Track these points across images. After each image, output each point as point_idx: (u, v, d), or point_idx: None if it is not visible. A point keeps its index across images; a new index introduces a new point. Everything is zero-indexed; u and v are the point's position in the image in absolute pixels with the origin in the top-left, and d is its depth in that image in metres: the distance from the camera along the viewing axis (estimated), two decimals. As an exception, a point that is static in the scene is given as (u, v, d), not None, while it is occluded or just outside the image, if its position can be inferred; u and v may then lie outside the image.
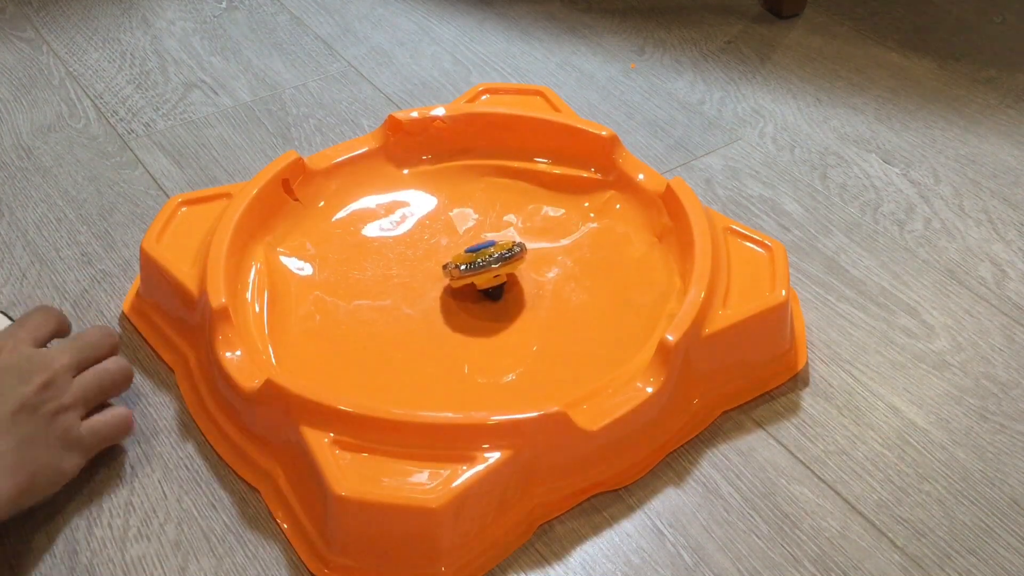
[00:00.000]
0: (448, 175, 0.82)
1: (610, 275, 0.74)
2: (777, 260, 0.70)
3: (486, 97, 0.86)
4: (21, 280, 0.77)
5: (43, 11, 1.11)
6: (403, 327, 0.70)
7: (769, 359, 0.69)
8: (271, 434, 0.62)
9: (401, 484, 0.56)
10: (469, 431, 0.58)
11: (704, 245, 0.69)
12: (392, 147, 0.82)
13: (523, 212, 0.80)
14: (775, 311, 0.67)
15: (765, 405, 0.68)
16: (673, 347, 0.62)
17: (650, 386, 0.62)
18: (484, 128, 0.82)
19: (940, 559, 0.59)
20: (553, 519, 0.61)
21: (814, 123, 0.96)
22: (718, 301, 0.67)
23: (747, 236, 0.72)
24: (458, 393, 0.66)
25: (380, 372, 0.67)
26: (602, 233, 0.78)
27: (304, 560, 0.58)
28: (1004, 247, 0.82)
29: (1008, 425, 0.67)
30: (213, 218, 0.73)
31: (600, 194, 0.80)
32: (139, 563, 0.59)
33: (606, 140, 0.79)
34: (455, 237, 0.78)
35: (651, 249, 0.75)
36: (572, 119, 0.82)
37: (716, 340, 0.65)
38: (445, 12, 1.12)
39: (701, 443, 0.66)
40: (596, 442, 0.60)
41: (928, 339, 0.73)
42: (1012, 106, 0.98)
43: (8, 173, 0.88)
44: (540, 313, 0.71)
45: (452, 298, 0.72)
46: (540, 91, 0.87)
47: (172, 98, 0.97)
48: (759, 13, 1.12)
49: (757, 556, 0.59)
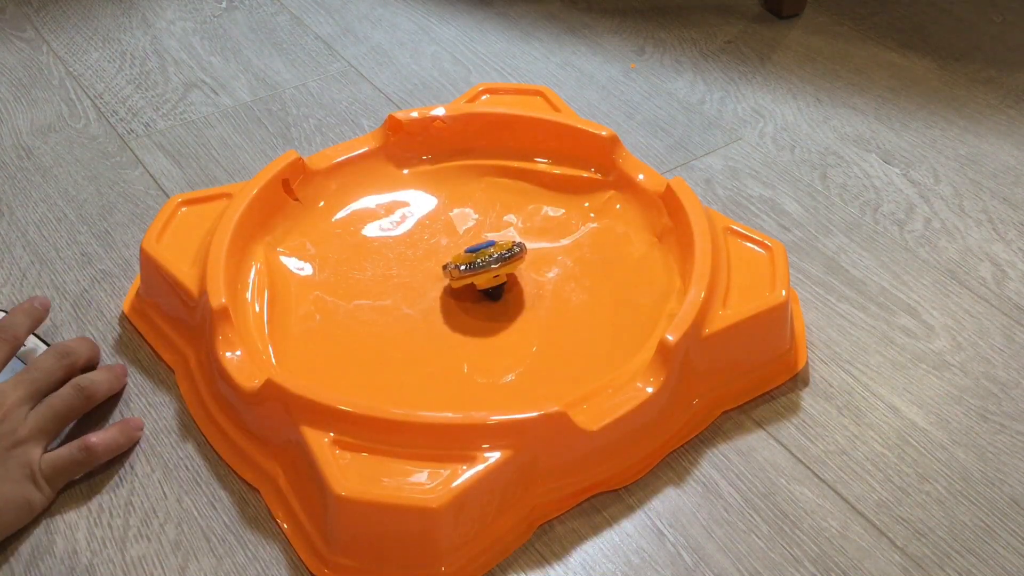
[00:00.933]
0: (448, 175, 0.82)
1: (610, 275, 0.74)
2: (777, 260, 0.70)
3: (486, 97, 0.86)
4: (21, 280, 0.77)
5: (43, 11, 1.11)
6: (403, 327, 0.70)
7: (769, 359, 0.69)
8: (271, 434, 0.62)
9: (401, 484, 0.56)
10: (469, 431, 0.58)
11: (704, 245, 0.69)
12: (392, 147, 0.82)
13: (523, 212, 0.80)
14: (775, 311, 0.67)
15: (765, 405, 0.68)
16: (673, 347, 0.62)
17: (650, 386, 0.62)
18: (484, 128, 0.82)
19: (940, 559, 0.59)
20: (553, 519, 0.61)
21: (814, 123, 0.96)
22: (718, 301, 0.67)
23: (747, 236, 0.72)
24: (458, 393, 0.66)
25: (380, 372, 0.67)
26: (602, 233, 0.78)
27: (304, 560, 0.58)
28: (1004, 247, 0.82)
29: (1008, 425, 0.67)
30: (213, 218, 0.73)
31: (600, 194, 0.80)
32: (139, 563, 0.59)
33: (606, 140, 0.79)
34: (455, 237, 0.78)
35: (651, 249, 0.75)
36: (572, 119, 0.82)
37: (716, 340, 0.65)
38: (445, 12, 1.12)
39: (701, 443, 0.66)
40: (596, 442, 0.60)
41: (928, 339, 0.73)
42: (1012, 106, 0.98)
43: (8, 173, 0.88)
44: (540, 313, 0.71)
45: (452, 298, 0.72)
46: (540, 91, 0.87)
47: (172, 98, 0.97)
48: (759, 13, 1.12)
49: (757, 556, 0.59)
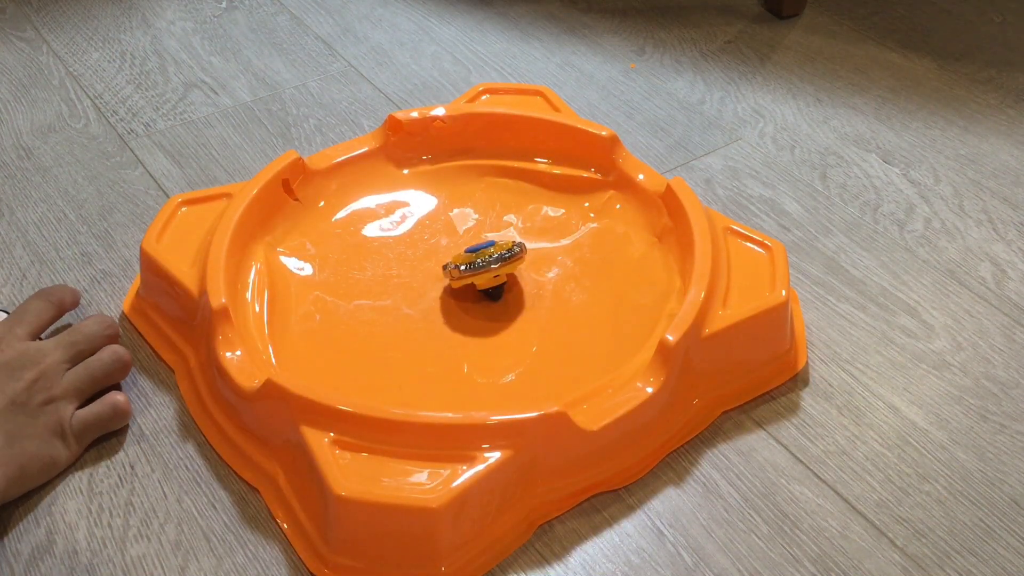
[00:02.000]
0: (448, 175, 0.82)
1: (610, 275, 0.74)
2: (777, 260, 0.70)
3: (486, 97, 0.86)
4: (21, 280, 0.77)
5: (43, 11, 1.11)
6: (403, 327, 0.70)
7: (769, 359, 0.69)
8: (271, 434, 0.62)
9: (401, 484, 0.56)
10: (469, 431, 0.58)
11: (704, 245, 0.69)
12: (392, 147, 0.82)
13: (523, 212, 0.80)
14: (775, 311, 0.67)
15: (765, 405, 0.68)
16: (673, 347, 0.62)
17: (650, 386, 0.62)
18: (484, 128, 0.82)
19: (940, 559, 0.59)
20: (553, 519, 0.61)
21: (814, 123, 0.96)
22: (718, 301, 0.67)
23: (747, 236, 0.72)
24: (458, 393, 0.66)
25: (380, 372, 0.67)
26: (602, 233, 0.78)
27: (304, 560, 0.58)
28: (1004, 247, 0.82)
29: (1008, 425, 0.67)
30: (213, 218, 0.73)
31: (600, 194, 0.80)
32: (139, 563, 0.59)
33: (606, 140, 0.79)
34: (455, 237, 0.78)
35: (651, 249, 0.75)
36: (572, 119, 0.82)
37: (716, 340, 0.65)
38: (445, 12, 1.12)
39: (701, 443, 0.66)
40: (596, 442, 0.61)
41: (928, 339, 0.73)
42: (1012, 106, 0.98)
43: (8, 173, 0.88)
44: (540, 313, 0.71)
45: (452, 298, 0.72)
46: (540, 91, 0.87)
47: (172, 98, 0.97)
48: (759, 13, 1.12)
49: (757, 556, 0.59)
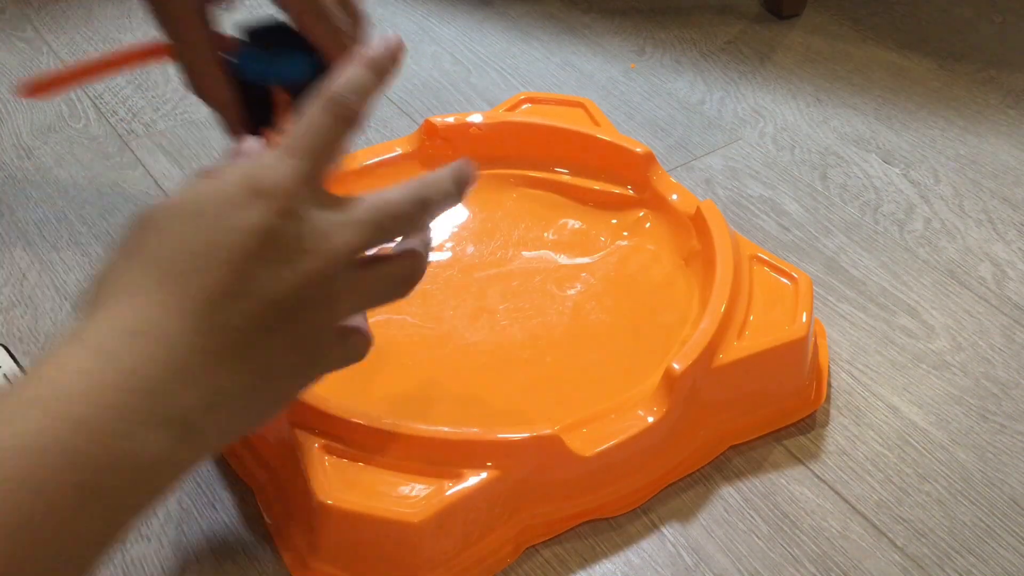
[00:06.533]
0: (480, 183, 0.79)
1: (632, 296, 0.72)
2: (801, 292, 0.67)
3: (527, 107, 0.85)
4: (21, 281, 0.77)
5: (43, 11, 1.11)
6: (417, 335, 0.69)
7: (784, 395, 0.66)
8: (268, 434, 0.62)
9: (384, 495, 0.55)
10: (457, 447, 0.57)
11: (725, 273, 0.66)
12: (426, 152, 0.80)
13: (553, 225, 0.78)
14: (793, 346, 0.64)
15: (765, 405, 0.68)
16: (678, 376, 0.60)
17: (651, 415, 0.60)
18: (519, 138, 0.81)
19: (940, 559, 0.59)
20: (540, 544, 0.60)
21: (814, 123, 0.96)
22: (733, 331, 0.64)
23: (774, 266, 0.70)
24: (460, 406, 0.65)
25: (385, 380, 0.66)
26: (630, 252, 0.76)
27: (287, 563, 0.58)
28: (1004, 247, 0.82)
29: (1008, 425, 0.67)
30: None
31: (631, 212, 0.78)
32: (139, 563, 0.59)
33: (641, 157, 0.77)
34: (482, 246, 0.76)
35: (676, 272, 0.73)
36: (609, 134, 0.80)
37: (727, 372, 0.62)
38: (445, 12, 1.12)
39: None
40: (589, 468, 0.59)
41: (928, 339, 0.73)
42: (1012, 106, 0.98)
43: (8, 173, 0.88)
44: (555, 330, 0.69)
45: (465, 308, 0.71)
46: (582, 103, 0.85)
47: (172, 98, 0.97)
48: (759, 13, 1.12)
49: (757, 556, 0.59)
